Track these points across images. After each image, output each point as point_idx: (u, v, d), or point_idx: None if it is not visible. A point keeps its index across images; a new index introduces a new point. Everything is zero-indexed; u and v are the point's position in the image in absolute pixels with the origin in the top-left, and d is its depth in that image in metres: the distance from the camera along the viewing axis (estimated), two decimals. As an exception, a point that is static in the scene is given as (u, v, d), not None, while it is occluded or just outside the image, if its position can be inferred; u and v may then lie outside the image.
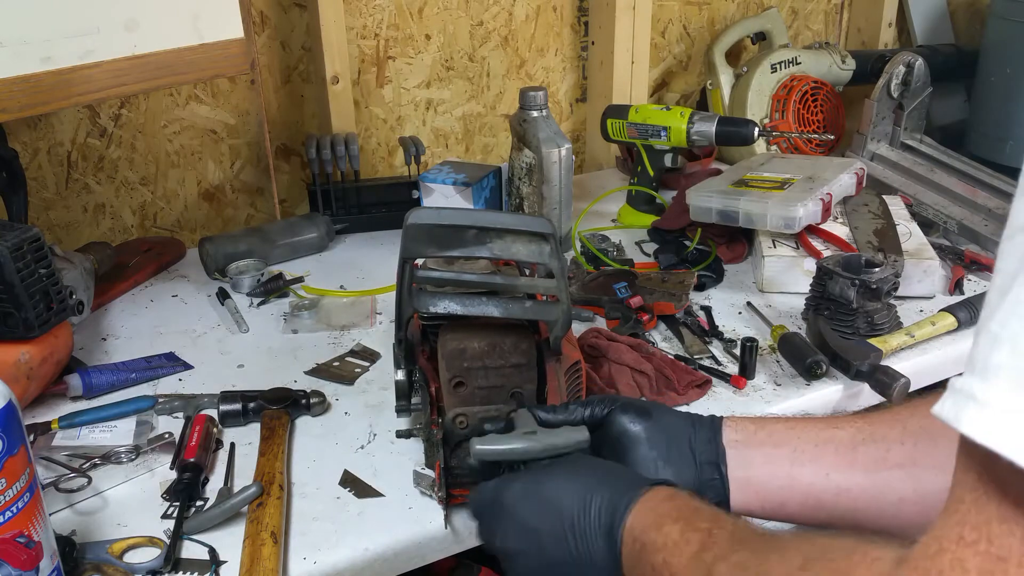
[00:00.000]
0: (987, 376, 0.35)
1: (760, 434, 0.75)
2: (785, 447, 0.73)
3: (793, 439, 0.73)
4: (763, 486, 0.73)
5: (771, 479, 0.73)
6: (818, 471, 0.71)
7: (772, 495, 0.73)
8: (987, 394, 0.35)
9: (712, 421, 0.77)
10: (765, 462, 0.73)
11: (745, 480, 0.74)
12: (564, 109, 1.90)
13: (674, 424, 0.77)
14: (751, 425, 0.76)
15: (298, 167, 1.67)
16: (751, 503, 0.74)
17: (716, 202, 1.35)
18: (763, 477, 0.73)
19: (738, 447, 0.75)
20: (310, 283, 1.38)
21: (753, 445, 0.74)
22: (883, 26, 2.04)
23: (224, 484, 0.93)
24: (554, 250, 0.81)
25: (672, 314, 1.21)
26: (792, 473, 0.72)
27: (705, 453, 0.75)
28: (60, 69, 1.08)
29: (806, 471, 0.71)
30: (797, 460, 0.72)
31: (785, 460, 0.72)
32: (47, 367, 1.04)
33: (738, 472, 0.74)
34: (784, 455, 0.73)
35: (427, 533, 0.86)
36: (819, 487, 0.71)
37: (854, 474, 0.70)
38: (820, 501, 0.71)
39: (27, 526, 0.70)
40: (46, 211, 1.48)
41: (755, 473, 0.73)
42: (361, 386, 1.11)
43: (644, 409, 0.78)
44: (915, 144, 1.64)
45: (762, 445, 0.74)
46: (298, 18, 1.57)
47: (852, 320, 1.14)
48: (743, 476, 0.74)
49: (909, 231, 1.35)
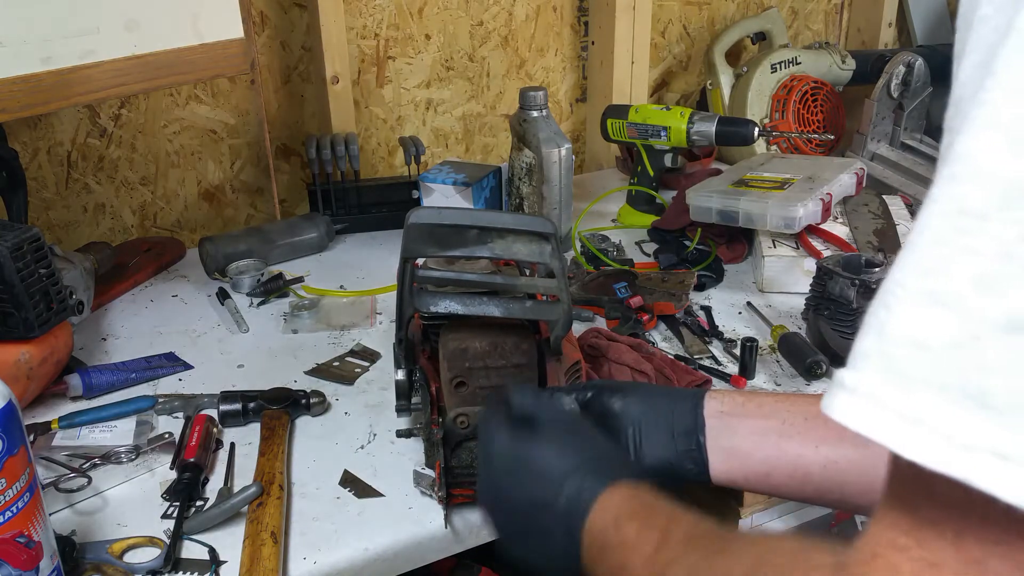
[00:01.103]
0: (855, 364, 0.35)
1: (748, 405, 0.74)
2: (774, 419, 0.72)
3: (783, 411, 0.73)
4: (748, 456, 0.72)
5: (757, 449, 0.72)
6: (807, 443, 0.70)
7: (757, 466, 0.72)
8: (855, 381, 0.35)
9: (694, 393, 0.77)
10: (751, 432, 0.72)
11: (729, 450, 0.73)
12: (564, 109, 1.90)
13: (654, 399, 0.76)
14: (739, 397, 0.76)
15: (298, 167, 1.67)
16: (735, 473, 0.73)
17: (716, 202, 1.35)
18: (748, 447, 0.72)
19: (723, 417, 0.74)
20: (310, 283, 1.38)
21: (740, 416, 0.73)
22: (883, 26, 2.04)
23: (224, 484, 0.93)
24: (554, 250, 0.81)
25: (672, 314, 1.21)
26: (780, 444, 0.71)
27: (683, 424, 0.74)
28: (60, 69, 1.08)
29: (794, 443, 0.71)
30: (786, 432, 0.71)
31: (773, 431, 0.72)
32: (47, 367, 1.04)
33: (722, 442, 0.73)
34: (772, 426, 0.72)
35: (427, 533, 0.86)
36: (807, 459, 0.70)
37: (844, 447, 0.69)
38: (808, 473, 0.70)
39: (27, 526, 0.70)
40: (46, 211, 1.48)
41: (740, 443, 0.72)
42: (361, 386, 1.11)
43: (624, 387, 0.78)
44: (915, 144, 1.64)
45: (750, 416, 0.73)
46: (298, 18, 1.57)
47: (852, 320, 1.14)
48: (727, 446, 0.73)
49: (909, 231, 1.35)
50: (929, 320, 0.33)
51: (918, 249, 0.34)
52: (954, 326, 0.32)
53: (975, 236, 0.32)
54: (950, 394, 0.32)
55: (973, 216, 0.32)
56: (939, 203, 0.34)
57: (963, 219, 0.33)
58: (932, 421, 0.32)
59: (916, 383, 0.33)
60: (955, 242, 0.33)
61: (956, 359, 0.32)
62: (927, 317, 0.33)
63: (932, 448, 0.32)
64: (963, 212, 0.33)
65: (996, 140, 0.32)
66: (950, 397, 0.32)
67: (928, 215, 0.34)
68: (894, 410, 0.33)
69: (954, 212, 0.33)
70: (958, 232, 0.33)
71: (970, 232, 0.32)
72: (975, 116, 0.33)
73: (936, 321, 0.33)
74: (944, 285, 0.33)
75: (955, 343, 0.32)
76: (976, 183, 0.32)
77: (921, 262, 0.34)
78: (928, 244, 0.34)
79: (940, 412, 0.32)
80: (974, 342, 0.32)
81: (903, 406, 0.33)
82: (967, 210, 0.32)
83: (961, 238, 0.32)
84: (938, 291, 0.33)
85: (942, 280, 0.33)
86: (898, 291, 0.34)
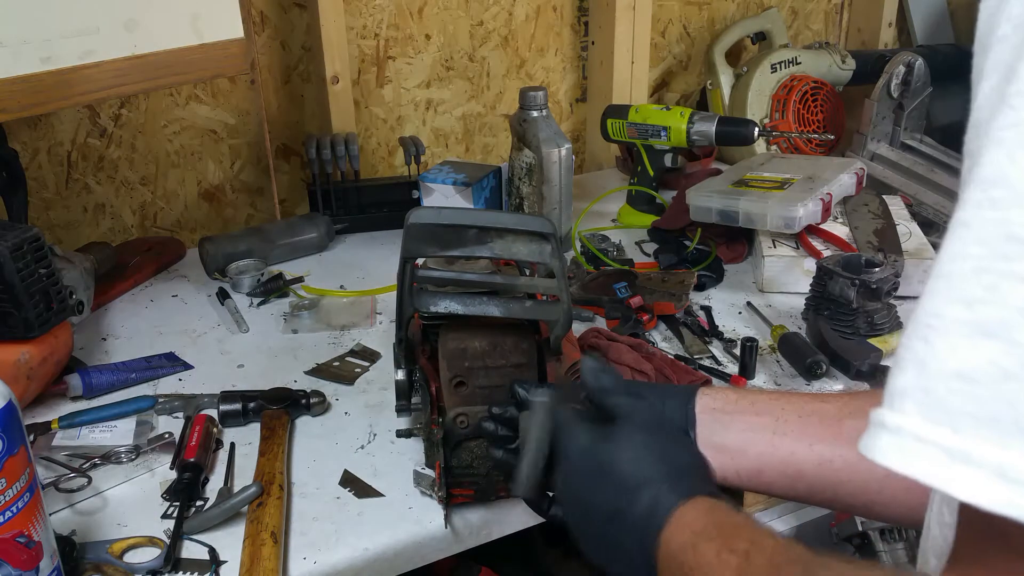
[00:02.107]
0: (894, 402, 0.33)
1: (742, 403, 0.73)
2: (767, 416, 0.72)
3: (776, 409, 0.72)
4: (740, 453, 0.71)
5: (749, 446, 0.71)
6: (801, 441, 0.69)
7: (749, 462, 0.71)
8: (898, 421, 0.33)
9: (686, 390, 0.76)
10: (744, 429, 0.72)
11: (720, 446, 0.72)
12: (564, 109, 1.90)
13: (646, 396, 0.75)
14: (732, 394, 0.75)
15: (298, 167, 1.67)
16: (726, 470, 0.72)
17: (716, 202, 1.35)
18: (740, 444, 0.71)
19: (715, 414, 0.73)
20: (310, 283, 1.38)
21: (733, 412, 0.73)
22: (883, 26, 2.04)
23: (224, 484, 0.93)
24: (554, 250, 0.81)
25: (672, 314, 1.21)
26: (773, 442, 0.70)
27: (673, 420, 0.73)
28: (60, 69, 1.08)
29: (788, 440, 0.70)
30: (779, 429, 0.70)
31: (767, 429, 0.71)
32: (47, 367, 1.04)
33: (714, 438, 0.72)
34: (766, 424, 0.71)
35: (427, 533, 0.86)
36: (801, 457, 0.69)
37: (839, 446, 0.68)
38: (801, 472, 0.69)
39: (27, 526, 0.70)
40: (46, 211, 1.48)
41: (732, 439, 0.72)
42: (361, 386, 1.11)
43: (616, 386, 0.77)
44: (915, 144, 1.64)
45: (743, 413, 0.72)
46: (298, 18, 1.57)
47: (852, 320, 1.14)
48: (719, 442, 0.72)
49: (909, 231, 1.35)
50: (975, 352, 0.31)
51: (956, 278, 0.32)
52: (1004, 357, 0.30)
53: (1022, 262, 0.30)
54: (1003, 429, 0.30)
55: (1018, 242, 0.31)
56: (975, 229, 0.32)
57: (1008, 245, 0.31)
58: (984, 458, 0.30)
59: (964, 419, 0.31)
60: (1001, 269, 0.31)
61: (1008, 391, 0.30)
62: (973, 349, 0.31)
63: (986, 488, 0.30)
64: (1010, 238, 0.31)
65: None
66: (1003, 432, 0.30)
67: (963, 242, 0.32)
68: (943, 449, 0.31)
69: (999, 238, 0.31)
70: (1004, 259, 0.31)
71: (1017, 258, 0.31)
72: (1006, 137, 0.31)
73: (984, 352, 0.31)
74: (991, 314, 0.31)
75: (1006, 374, 0.30)
76: (1020, 207, 0.31)
77: (962, 291, 0.32)
78: (969, 272, 0.32)
79: (992, 449, 0.30)
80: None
81: (952, 444, 0.31)
82: (1013, 235, 0.31)
83: (1008, 264, 0.31)
84: (984, 321, 0.31)
85: (988, 309, 0.31)
86: (935, 323, 0.33)
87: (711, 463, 0.72)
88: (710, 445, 0.72)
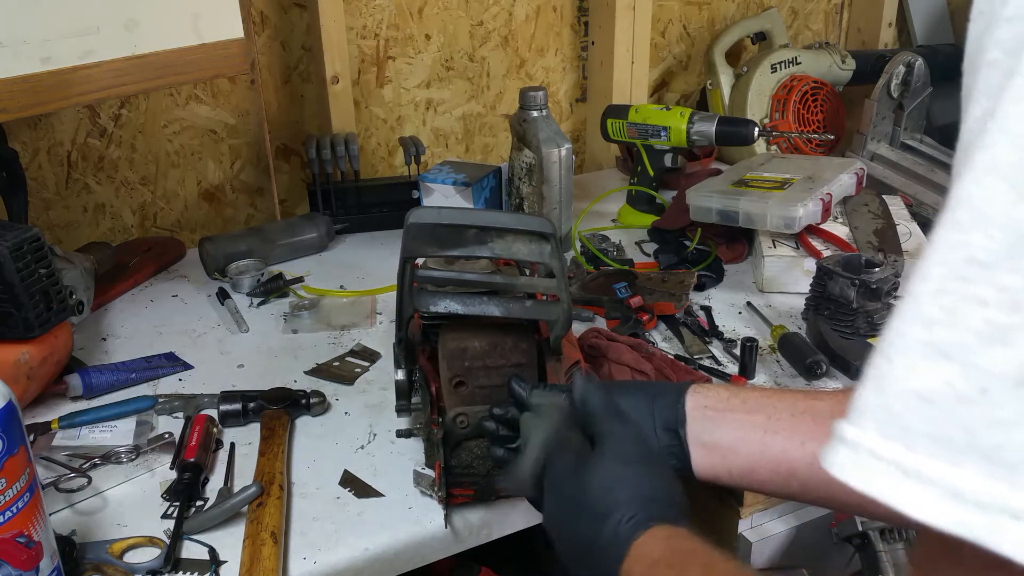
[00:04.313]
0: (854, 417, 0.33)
1: (733, 400, 0.73)
2: (759, 414, 0.71)
3: (768, 407, 0.72)
4: (732, 451, 0.71)
5: (741, 444, 0.71)
6: (793, 439, 0.69)
7: (741, 461, 0.71)
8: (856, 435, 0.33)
9: (677, 387, 0.76)
10: (736, 427, 0.71)
11: (712, 445, 0.72)
12: (564, 109, 1.90)
13: (637, 395, 0.76)
14: (724, 392, 0.75)
15: (298, 167, 1.67)
16: (718, 469, 0.72)
17: (716, 202, 1.35)
18: (732, 442, 0.71)
19: (707, 412, 0.73)
20: (310, 283, 1.38)
21: (724, 411, 0.73)
22: (883, 26, 2.04)
23: (224, 484, 0.93)
24: (554, 250, 0.81)
25: (672, 314, 1.21)
26: (765, 440, 0.70)
27: (663, 419, 0.73)
28: (60, 69, 1.08)
29: (780, 439, 0.70)
30: (771, 428, 0.70)
31: (758, 427, 0.71)
32: (47, 367, 1.04)
33: (704, 437, 0.72)
34: (758, 422, 0.71)
35: (427, 533, 0.86)
36: (793, 455, 0.69)
37: None
38: (793, 470, 0.69)
39: (27, 526, 0.70)
40: (46, 211, 1.48)
41: (723, 438, 0.72)
42: (361, 386, 1.11)
43: (608, 386, 0.78)
44: (915, 144, 1.64)
45: (734, 411, 0.72)
46: (298, 18, 1.57)
47: (852, 320, 1.14)
48: (710, 441, 0.72)
49: (909, 231, 1.35)
50: (933, 373, 0.31)
51: (920, 298, 0.32)
52: (960, 379, 0.30)
53: (981, 285, 0.30)
54: (957, 450, 0.30)
55: (979, 265, 0.30)
56: (941, 250, 0.32)
57: (968, 268, 0.31)
58: (938, 478, 0.30)
59: (920, 438, 0.31)
60: (960, 291, 0.31)
61: (963, 414, 0.30)
62: (931, 370, 0.31)
63: (938, 507, 0.30)
64: (969, 260, 0.31)
65: (999, 186, 0.30)
66: (957, 453, 0.30)
67: (928, 262, 0.32)
68: (897, 466, 0.31)
69: (959, 260, 0.31)
70: (963, 281, 0.31)
71: (976, 281, 0.30)
72: (977, 160, 0.31)
73: (941, 374, 0.31)
74: (949, 336, 0.31)
75: (961, 397, 0.30)
76: (981, 230, 0.31)
77: (923, 312, 0.32)
78: (931, 293, 0.32)
79: (946, 469, 0.30)
80: (982, 396, 0.30)
81: (906, 462, 0.31)
82: (973, 258, 0.31)
83: (966, 287, 0.31)
84: (942, 342, 0.31)
85: (946, 331, 0.31)
86: (898, 342, 0.33)
87: (703, 461, 0.72)
88: (701, 443, 0.72)
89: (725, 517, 1.03)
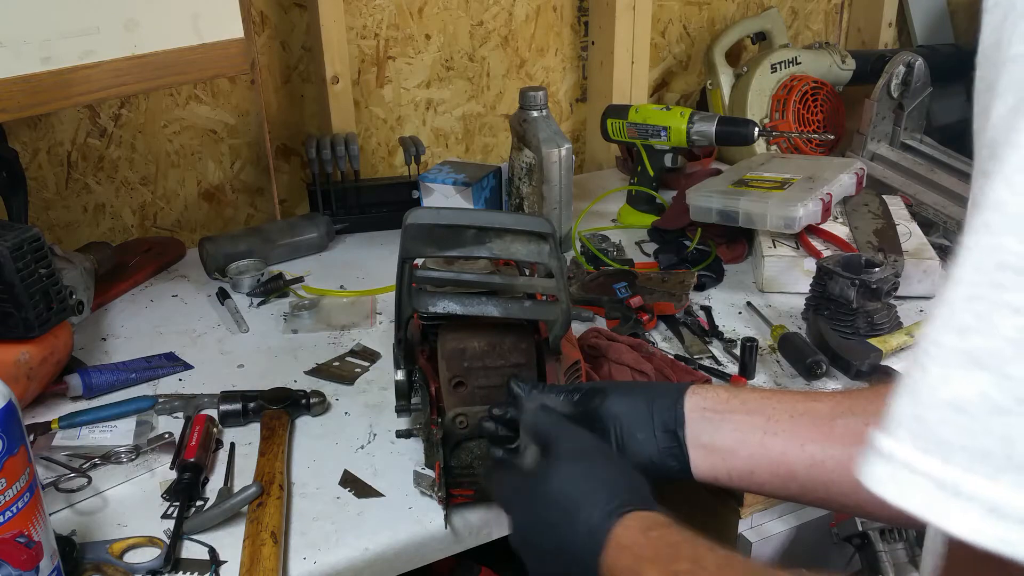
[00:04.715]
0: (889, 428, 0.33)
1: (733, 402, 0.73)
2: (759, 415, 0.71)
3: (768, 408, 0.71)
4: (731, 453, 0.71)
5: (740, 446, 0.71)
6: (792, 441, 0.69)
7: (740, 463, 0.71)
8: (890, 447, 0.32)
9: (676, 388, 0.75)
10: (735, 429, 0.71)
11: (711, 447, 0.72)
12: (564, 109, 1.90)
13: (636, 396, 0.75)
14: (724, 393, 0.74)
15: (298, 167, 1.67)
16: (717, 470, 0.72)
17: (716, 202, 1.35)
18: (731, 444, 0.71)
19: (706, 414, 0.73)
20: (310, 283, 1.38)
21: (723, 412, 0.72)
22: (883, 26, 2.04)
23: (224, 484, 0.93)
24: (554, 250, 0.81)
25: (672, 314, 1.21)
26: (764, 442, 0.70)
27: (662, 420, 0.73)
28: (60, 69, 1.08)
29: (779, 440, 0.69)
30: (771, 429, 0.70)
31: (758, 428, 0.70)
32: (47, 367, 1.04)
33: (704, 438, 0.72)
34: (757, 423, 0.71)
35: (427, 533, 0.86)
36: (792, 457, 0.69)
37: (831, 446, 0.67)
38: (792, 472, 0.69)
39: (27, 526, 0.70)
40: (46, 211, 1.48)
41: (723, 439, 0.71)
42: (361, 386, 1.11)
43: (607, 387, 0.78)
44: (915, 144, 1.64)
45: (733, 412, 0.72)
46: (298, 18, 1.57)
47: (852, 320, 1.14)
48: (709, 442, 0.72)
49: (909, 231, 1.35)
50: (967, 383, 0.30)
51: (953, 304, 0.31)
52: (995, 389, 0.30)
53: (1014, 292, 0.29)
54: (994, 463, 0.29)
55: (1011, 270, 0.30)
56: (973, 254, 0.31)
57: (1001, 273, 0.30)
58: (976, 493, 0.30)
59: (956, 451, 0.30)
60: (992, 297, 0.30)
61: (998, 425, 0.29)
62: (965, 379, 0.30)
63: (979, 525, 0.29)
64: (1002, 266, 0.30)
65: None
66: (994, 467, 0.29)
67: (961, 267, 0.31)
68: (934, 481, 0.31)
69: (991, 266, 0.30)
70: (996, 287, 0.30)
71: (1009, 287, 0.30)
72: (1007, 159, 0.30)
73: (975, 383, 0.30)
74: (982, 344, 0.30)
75: (996, 407, 0.29)
76: (1014, 234, 0.30)
77: (956, 319, 0.31)
78: (963, 300, 0.31)
79: (984, 484, 0.29)
80: (1018, 406, 0.29)
81: (943, 476, 0.30)
82: (1004, 264, 0.30)
83: (999, 294, 0.30)
84: (976, 350, 0.30)
85: (980, 339, 0.30)
86: (932, 350, 0.32)
87: (702, 463, 0.72)
88: (700, 445, 0.72)
89: (725, 517, 1.03)
